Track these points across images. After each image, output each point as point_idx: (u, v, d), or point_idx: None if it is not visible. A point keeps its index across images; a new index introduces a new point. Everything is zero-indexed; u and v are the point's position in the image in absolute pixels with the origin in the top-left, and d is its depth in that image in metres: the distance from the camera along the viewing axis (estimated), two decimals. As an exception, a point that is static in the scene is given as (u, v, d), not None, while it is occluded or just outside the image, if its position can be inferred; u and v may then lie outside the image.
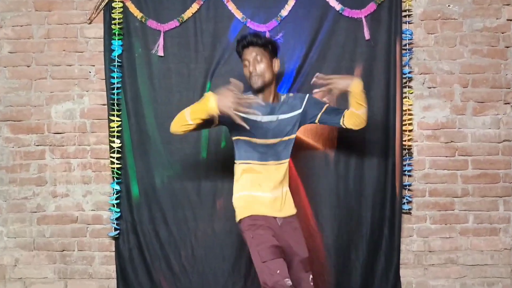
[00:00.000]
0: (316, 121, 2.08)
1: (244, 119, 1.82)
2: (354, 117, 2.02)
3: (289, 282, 1.77)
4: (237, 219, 1.99)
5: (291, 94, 2.10)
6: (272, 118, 1.98)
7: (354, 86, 1.95)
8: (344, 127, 2.06)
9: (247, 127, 1.81)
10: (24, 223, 2.67)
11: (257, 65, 1.95)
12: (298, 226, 2.06)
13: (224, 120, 1.85)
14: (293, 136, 2.05)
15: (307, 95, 2.08)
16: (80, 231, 2.66)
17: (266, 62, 1.97)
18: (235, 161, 2.04)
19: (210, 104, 1.74)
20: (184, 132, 1.84)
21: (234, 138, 2.01)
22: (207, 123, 1.85)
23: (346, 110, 2.05)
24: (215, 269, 2.56)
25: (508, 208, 2.61)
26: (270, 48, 1.99)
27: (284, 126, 2.01)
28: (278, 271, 1.78)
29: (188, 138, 2.55)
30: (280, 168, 2.01)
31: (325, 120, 2.08)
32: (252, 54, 1.96)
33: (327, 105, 2.06)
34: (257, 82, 1.95)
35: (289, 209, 2.05)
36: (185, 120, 1.80)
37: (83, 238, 2.66)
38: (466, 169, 2.62)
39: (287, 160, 2.05)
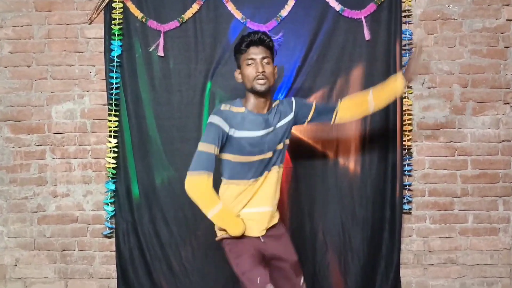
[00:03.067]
0: (306, 122, 2.02)
1: (241, 138, 1.80)
2: (361, 106, 1.98)
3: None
4: (218, 237, 1.90)
5: (277, 101, 1.96)
6: (268, 130, 1.86)
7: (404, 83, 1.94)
8: (333, 123, 2.02)
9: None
10: (25, 223, 2.68)
11: (266, 66, 1.81)
12: (284, 230, 2.00)
13: (222, 146, 1.82)
14: (287, 141, 1.96)
15: (293, 98, 2.01)
16: (80, 231, 2.68)
17: (272, 66, 1.85)
18: (223, 179, 1.92)
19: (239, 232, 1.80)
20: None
21: (224, 156, 1.86)
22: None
23: (341, 101, 2.02)
24: (216, 269, 2.57)
25: (507, 208, 2.63)
26: (274, 53, 1.91)
27: (278, 135, 1.89)
28: (258, 279, 1.73)
29: (188, 139, 2.57)
30: (270, 177, 1.90)
31: (315, 120, 2.02)
32: (261, 53, 1.81)
33: (315, 103, 2.01)
34: (264, 85, 1.80)
35: (275, 219, 1.96)
36: (205, 212, 1.79)
37: (84, 238, 2.68)
38: (465, 169, 2.64)
39: (279, 166, 1.94)
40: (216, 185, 1.88)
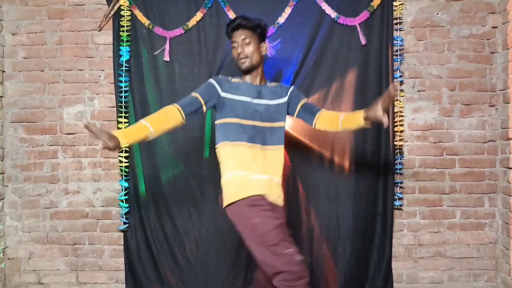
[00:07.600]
0: (294, 115, 2.08)
1: (234, 100, 1.96)
2: (333, 124, 1.98)
3: (300, 257, 1.78)
4: (229, 201, 1.92)
5: (275, 84, 2.09)
6: (261, 101, 2.00)
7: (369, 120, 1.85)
8: (314, 127, 2.05)
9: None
10: (38, 218, 2.78)
11: (245, 47, 1.98)
12: (280, 216, 1.98)
13: (210, 105, 1.99)
14: (281, 124, 2.03)
15: (292, 86, 2.12)
16: (90, 226, 2.78)
17: (254, 44, 1.99)
18: (217, 145, 2.00)
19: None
20: None
21: (220, 121, 1.99)
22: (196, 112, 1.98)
23: (322, 110, 2.04)
24: (218, 261, 2.67)
25: (493, 204, 2.72)
26: (259, 32, 2.02)
27: (272, 111, 2.01)
28: (286, 251, 1.78)
29: (192, 139, 2.67)
30: (265, 154, 1.97)
31: (301, 116, 2.07)
32: (241, 36, 1.98)
33: (305, 100, 2.08)
34: (244, 63, 1.98)
35: (280, 200, 2.01)
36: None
37: (93, 233, 2.78)
38: (453, 168, 2.73)
39: (276, 147, 2.00)
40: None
